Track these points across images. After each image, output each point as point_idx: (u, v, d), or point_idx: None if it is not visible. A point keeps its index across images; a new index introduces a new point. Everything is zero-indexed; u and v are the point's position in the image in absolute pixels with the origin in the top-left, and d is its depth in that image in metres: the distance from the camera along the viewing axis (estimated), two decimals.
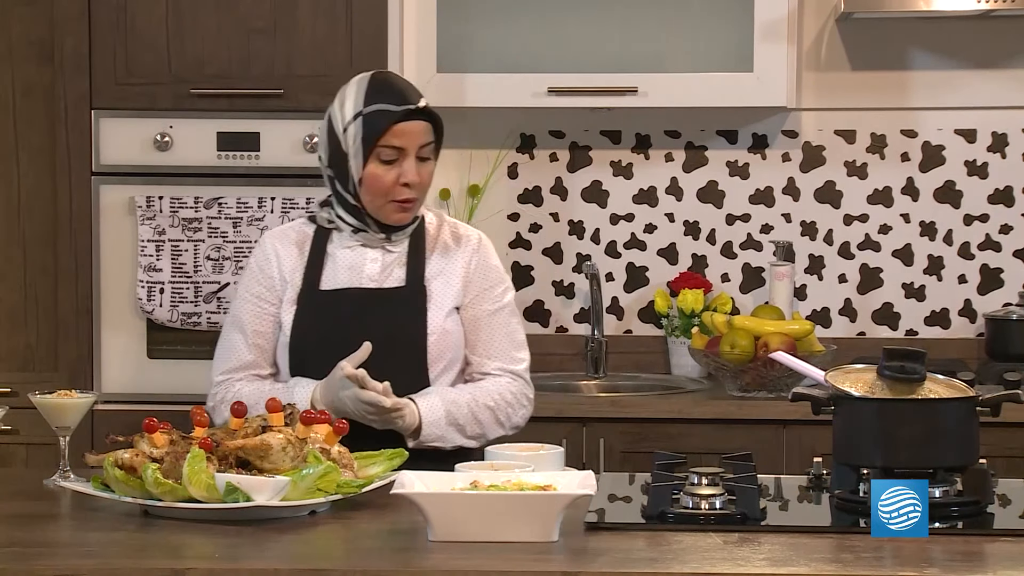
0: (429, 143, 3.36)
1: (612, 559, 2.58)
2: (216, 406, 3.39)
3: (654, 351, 4.92)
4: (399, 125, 3.32)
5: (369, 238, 3.40)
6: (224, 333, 3.46)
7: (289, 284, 3.40)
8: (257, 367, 3.41)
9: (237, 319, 3.43)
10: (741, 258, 4.94)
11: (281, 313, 3.40)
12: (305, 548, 2.70)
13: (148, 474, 2.83)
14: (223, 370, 3.42)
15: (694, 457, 3.29)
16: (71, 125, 4.40)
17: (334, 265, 3.40)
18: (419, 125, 3.34)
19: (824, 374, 3.04)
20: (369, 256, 3.41)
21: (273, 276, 3.42)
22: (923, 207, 4.89)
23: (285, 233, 3.47)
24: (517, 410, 3.42)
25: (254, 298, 3.42)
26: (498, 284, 3.46)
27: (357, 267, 3.40)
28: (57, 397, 3.16)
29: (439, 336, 3.37)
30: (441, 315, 3.38)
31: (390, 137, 3.32)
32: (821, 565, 2.54)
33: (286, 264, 3.42)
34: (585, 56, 4.63)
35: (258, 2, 4.37)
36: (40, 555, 2.64)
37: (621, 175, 4.95)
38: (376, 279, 3.39)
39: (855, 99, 4.87)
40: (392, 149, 3.32)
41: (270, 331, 3.41)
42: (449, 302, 3.40)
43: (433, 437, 3.30)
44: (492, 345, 3.43)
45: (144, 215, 4.37)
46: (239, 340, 3.41)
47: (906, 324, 4.91)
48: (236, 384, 3.39)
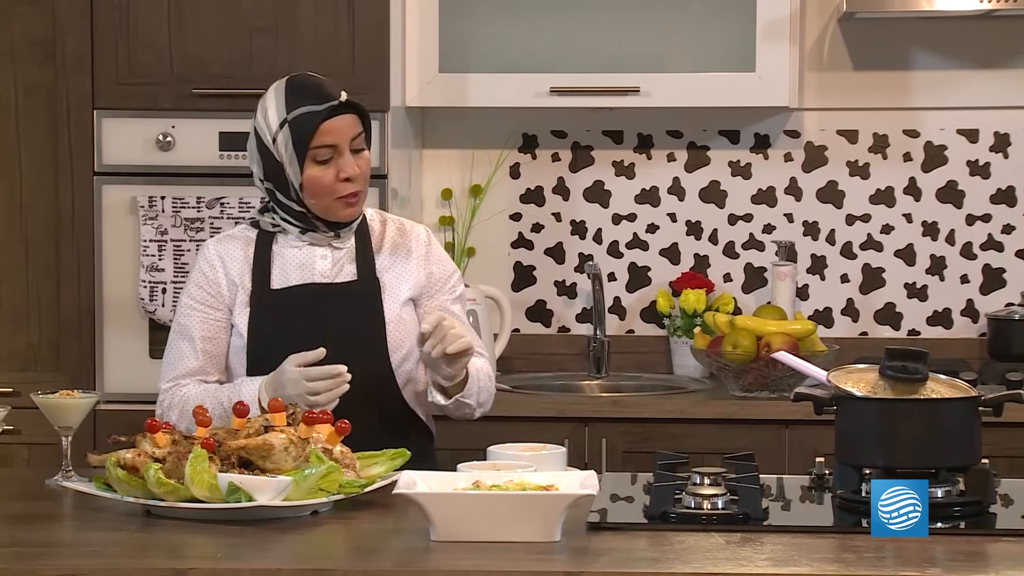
0: (359, 134, 3.36)
1: (614, 559, 2.59)
2: (164, 412, 3.35)
3: (656, 351, 4.92)
4: (327, 123, 3.31)
5: (317, 237, 3.40)
6: (171, 343, 3.42)
7: (239, 287, 3.38)
8: (204, 373, 3.38)
9: (184, 328, 3.39)
10: (743, 258, 4.93)
11: (234, 317, 3.38)
12: (307, 548, 2.71)
13: (150, 474, 2.84)
14: (170, 377, 3.39)
15: (696, 457, 3.29)
16: (73, 125, 4.40)
17: (283, 264, 3.39)
18: (346, 119, 3.33)
19: (826, 374, 3.04)
20: (319, 253, 3.41)
21: (219, 282, 3.39)
22: (925, 207, 4.89)
23: (228, 238, 3.45)
24: (492, 390, 3.47)
25: (201, 305, 3.38)
26: (452, 274, 3.51)
27: (308, 265, 3.40)
28: (59, 397, 3.17)
29: (396, 324, 3.38)
30: (397, 305, 3.39)
31: (321, 136, 3.31)
32: (823, 565, 2.54)
33: (233, 268, 3.39)
34: (587, 56, 4.63)
35: (260, 2, 4.37)
36: (42, 555, 2.64)
37: (623, 175, 4.95)
38: (328, 275, 3.39)
39: (857, 99, 4.86)
40: (326, 148, 3.32)
41: (220, 337, 3.39)
42: (403, 293, 3.41)
43: (470, 392, 3.34)
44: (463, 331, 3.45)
45: (146, 215, 4.37)
46: (186, 348, 3.37)
47: (908, 324, 4.91)
48: (183, 388, 3.35)
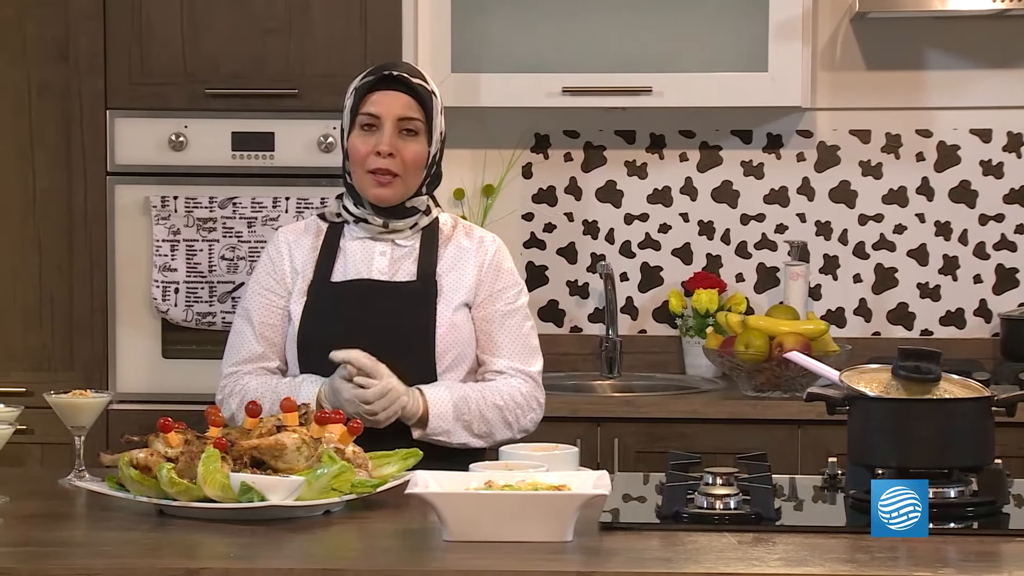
0: (412, 118, 3.38)
1: (626, 559, 2.58)
2: (224, 399, 3.41)
3: (668, 351, 4.92)
4: (375, 94, 3.37)
5: (371, 229, 3.41)
6: (235, 325, 3.49)
7: (300, 276, 3.42)
8: (265, 359, 3.42)
9: (246, 311, 3.45)
10: (756, 258, 4.93)
11: (291, 305, 3.41)
12: (319, 548, 2.71)
13: (163, 474, 2.84)
14: (232, 362, 3.44)
15: (708, 457, 3.28)
16: (86, 125, 4.40)
17: (345, 259, 3.42)
18: (397, 96, 3.37)
19: (839, 374, 3.03)
20: (378, 249, 3.42)
21: (284, 269, 3.43)
22: (938, 207, 4.88)
23: (299, 227, 3.50)
24: (526, 412, 3.41)
25: (263, 290, 3.44)
26: (512, 287, 3.46)
27: (366, 261, 3.41)
28: (72, 397, 3.17)
29: (447, 329, 3.37)
30: (450, 309, 3.38)
31: (367, 105, 3.38)
32: (836, 565, 2.54)
33: (298, 257, 3.44)
34: (599, 56, 4.63)
35: (272, 2, 4.38)
36: (55, 554, 2.65)
37: (635, 175, 4.95)
38: (386, 272, 3.40)
39: (870, 99, 4.86)
40: (369, 116, 3.37)
41: (278, 323, 3.42)
42: (459, 297, 3.40)
43: (439, 430, 3.30)
44: (504, 345, 3.42)
45: (159, 215, 4.38)
46: (248, 332, 3.43)
47: (921, 324, 4.90)
48: (244, 377, 3.40)
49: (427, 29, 4.62)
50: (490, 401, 3.35)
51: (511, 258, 3.51)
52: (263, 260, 3.48)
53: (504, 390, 3.38)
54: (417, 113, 3.38)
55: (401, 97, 3.37)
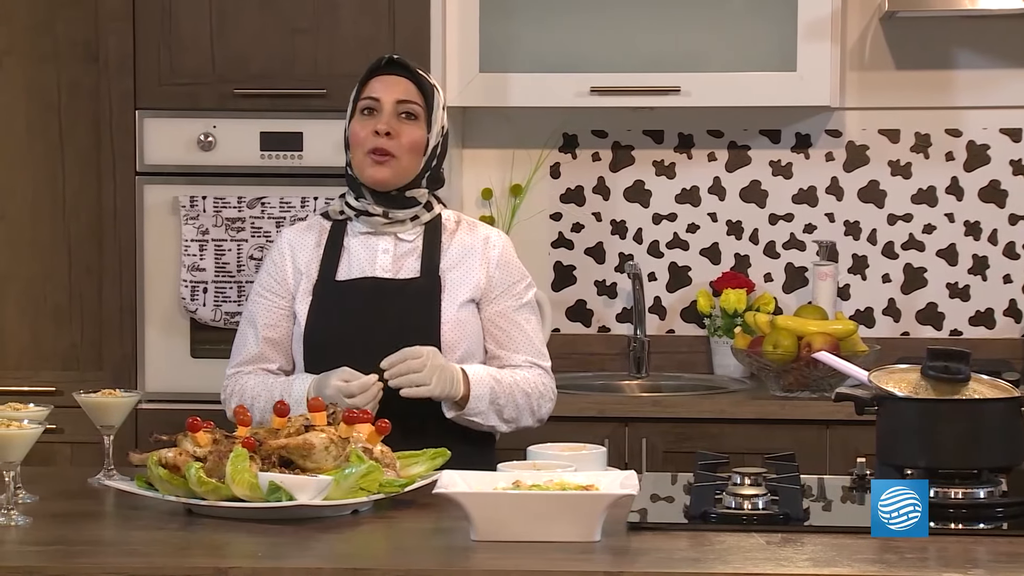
0: (411, 102, 3.40)
1: (654, 559, 2.58)
2: (226, 400, 3.45)
3: (696, 351, 4.91)
4: (375, 78, 3.42)
5: (373, 223, 3.42)
6: (239, 328, 3.51)
7: (304, 276, 3.43)
8: (265, 360, 3.44)
9: (250, 313, 3.48)
10: (784, 258, 4.92)
11: (296, 305, 3.42)
12: (347, 547, 2.71)
13: (191, 473, 2.85)
14: (234, 363, 3.47)
15: (737, 457, 3.28)
16: (115, 125, 4.41)
17: (349, 257, 3.44)
18: (395, 80, 3.41)
19: (868, 374, 3.03)
20: (380, 247, 3.43)
21: (286, 270, 3.45)
22: (968, 207, 4.87)
23: (302, 228, 3.52)
24: (546, 403, 3.44)
25: (267, 292, 3.46)
26: (520, 281, 3.48)
27: (370, 258, 3.42)
28: (101, 396, 3.18)
29: (453, 325, 3.38)
30: (455, 305, 3.39)
31: (367, 90, 3.41)
32: (864, 566, 2.53)
33: (301, 257, 3.45)
34: (628, 55, 4.62)
35: (301, 2, 4.38)
36: (84, 553, 2.66)
37: (664, 175, 4.94)
38: (389, 270, 3.41)
39: (899, 98, 4.85)
40: (370, 100, 3.41)
41: (282, 325, 3.44)
42: (464, 294, 3.41)
43: (475, 411, 3.32)
44: (519, 340, 3.44)
45: (188, 215, 4.39)
46: (250, 334, 3.46)
47: (950, 324, 4.88)
48: (244, 377, 3.44)
49: (455, 29, 4.62)
50: (521, 388, 3.38)
51: (515, 252, 3.53)
52: (266, 262, 3.50)
53: (531, 379, 3.41)
54: (416, 97, 3.40)
55: (401, 81, 3.41)
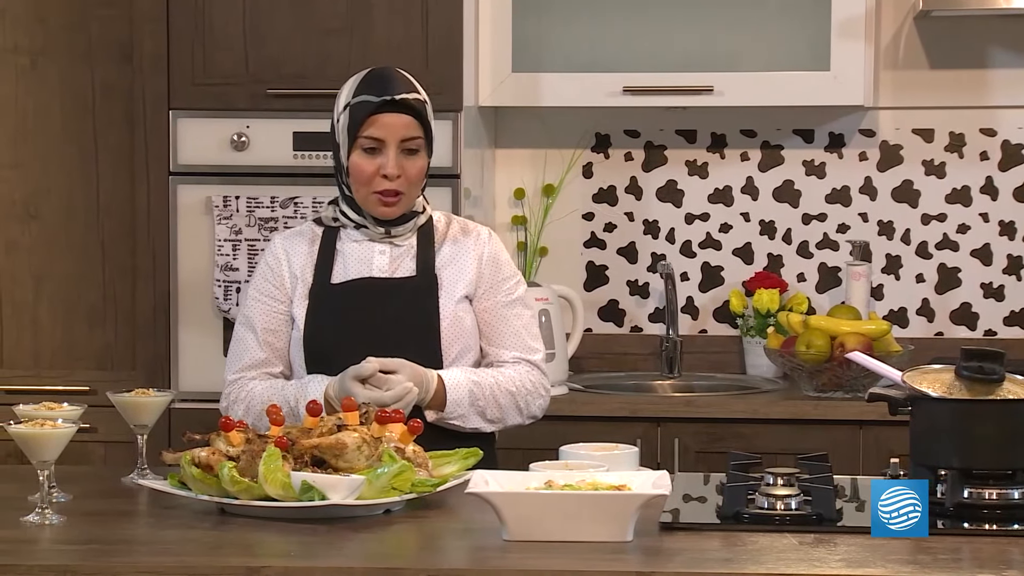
0: (414, 137, 3.38)
1: (687, 559, 2.58)
2: (230, 405, 3.40)
3: (729, 351, 4.90)
4: (378, 116, 3.36)
5: (371, 234, 3.43)
6: (236, 332, 3.48)
7: (300, 280, 3.43)
8: (268, 365, 3.43)
9: (248, 318, 3.45)
10: (817, 258, 4.91)
11: (293, 309, 3.42)
12: (380, 547, 2.72)
13: (224, 472, 2.85)
14: (235, 368, 3.44)
15: (769, 457, 3.28)
16: (149, 125, 4.43)
17: (344, 260, 3.43)
18: (399, 118, 3.37)
19: (901, 374, 3.02)
20: (377, 249, 3.43)
21: (283, 275, 3.44)
22: (1002, 206, 4.85)
23: (294, 234, 3.51)
24: (535, 399, 3.43)
25: (264, 297, 3.44)
26: (510, 278, 3.49)
27: (366, 260, 3.42)
28: (135, 396, 3.19)
29: (451, 321, 3.38)
30: (452, 302, 3.40)
31: (369, 128, 3.36)
32: (898, 567, 2.53)
33: (296, 262, 3.44)
34: (660, 55, 4.62)
35: (334, 2, 4.39)
36: (118, 552, 2.67)
37: (696, 174, 4.93)
38: (386, 271, 3.41)
39: (933, 97, 4.83)
40: (372, 139, 3.37)
41: (281, 329, 3.44)
42: (460, 290, 3.42)
43: (455, 415, 3.32)
44: (508, 335, 3.44)
45: (221, 214, 4.40)
46: (250, 339, 3.43)
47: (985, 324, 4.87)
48: (249, 383, 3.41)
49: (488, 29, 4.63)
50: (503, 387, 3.38)
51: (505, 249, 3.53)
52: (261, 267, 3.48)
53: (515, 376, 3.41)
54: (418, 131, 3.39)
55: (402, 118, 3.37)
